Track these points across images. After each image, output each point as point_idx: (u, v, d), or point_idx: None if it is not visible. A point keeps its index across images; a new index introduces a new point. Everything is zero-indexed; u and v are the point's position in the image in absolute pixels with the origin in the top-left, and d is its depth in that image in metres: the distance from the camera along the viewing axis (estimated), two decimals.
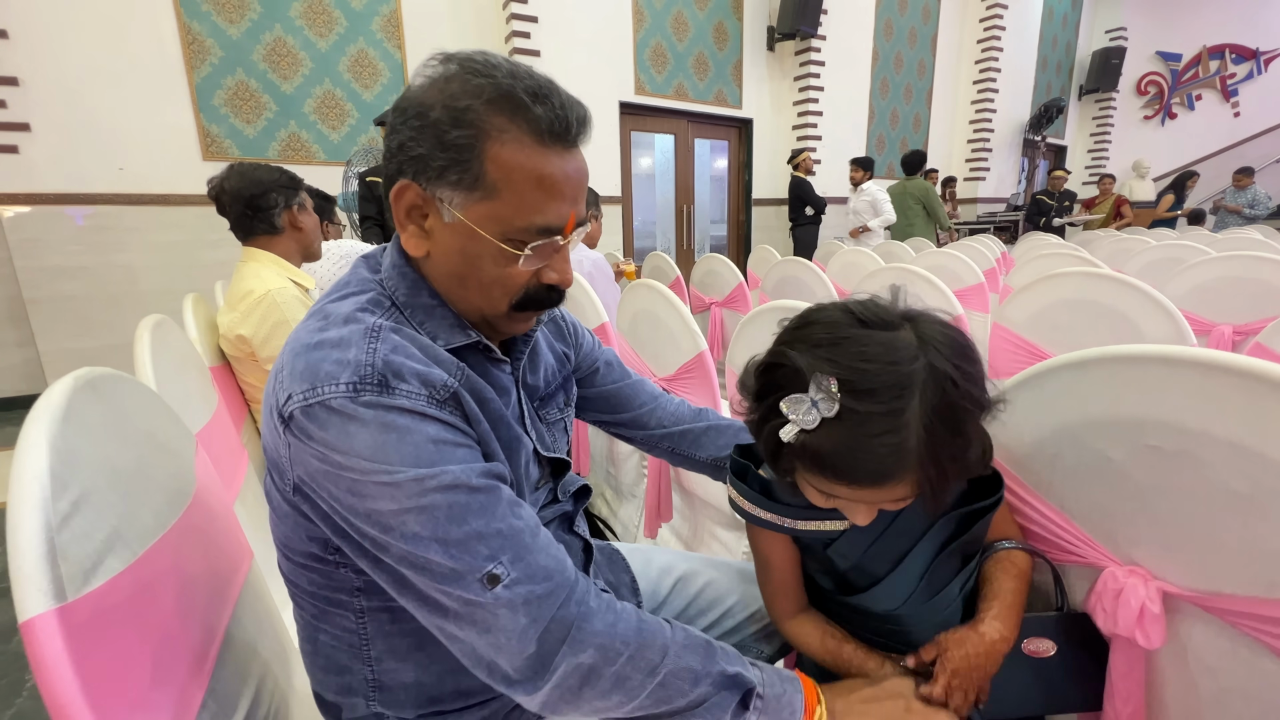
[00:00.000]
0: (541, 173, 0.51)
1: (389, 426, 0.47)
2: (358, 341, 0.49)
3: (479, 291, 0.55)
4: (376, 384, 0.47)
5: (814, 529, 0.57)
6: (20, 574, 0.37)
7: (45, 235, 3.17)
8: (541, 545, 0.50)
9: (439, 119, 0.50)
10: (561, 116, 0.51)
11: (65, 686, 0.36)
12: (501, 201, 0.51)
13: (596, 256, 2.16)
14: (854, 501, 0.50)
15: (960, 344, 0.48)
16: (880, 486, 0.46)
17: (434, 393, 0.50)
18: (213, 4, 3.41)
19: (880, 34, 6.33)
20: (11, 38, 2.96)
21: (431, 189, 0.52)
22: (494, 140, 0.50)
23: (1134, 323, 1.19)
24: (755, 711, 0.51)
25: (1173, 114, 9.10)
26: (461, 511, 0.47)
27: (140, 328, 0.83)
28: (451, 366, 0.53)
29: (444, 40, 4.10)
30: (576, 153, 0.54)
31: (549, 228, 0.53)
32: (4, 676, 1.34)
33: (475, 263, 0.54)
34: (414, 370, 0.49)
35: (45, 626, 0.36)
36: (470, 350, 0.58)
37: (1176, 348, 0.46)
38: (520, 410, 0.63)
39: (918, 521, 0.56)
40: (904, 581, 0.56)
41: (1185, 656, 0.50)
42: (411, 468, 0.46)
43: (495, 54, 0.52)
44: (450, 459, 0.48)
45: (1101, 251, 3.20)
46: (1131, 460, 0.50)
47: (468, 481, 0.48)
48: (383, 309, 0.54)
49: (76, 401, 0.48)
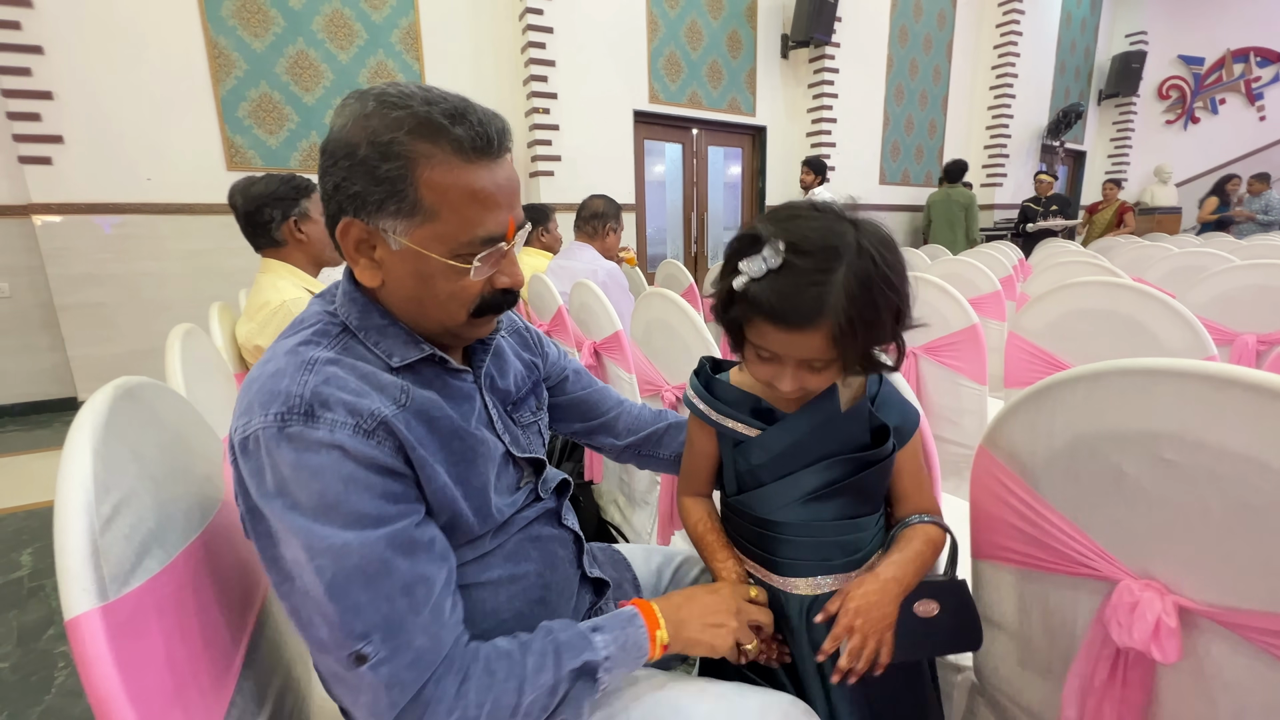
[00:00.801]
0: (473, 188, 0.54)
1: (302, 464, 0.48)
2: (291, 373, 0.51)
3: (437, 308, 0.58)
4: (303, 414, 0.49)
5: (730, 425, 0.70)
6: (66, 574, 0.39)
7: (76, 244, 3.26)
8: (423, 624, 0.50)
9: (367, 155, 0.52)
10: (481, 132, 0.53)
11: (107, 682, 0.38)
12: (442, 221, 0.54)
13: (610, 266, 2.18)
14: (783, 356, 0.59)
15: (888, 240, 0.58)
16: (804, 330, 0.56)
17: (360, 422, 0.50)
18: (238, 18, 3.50)
19: (895, 40, 6.31)
20: (47, 53, 3.06)
21: (374, 222, 0.54)
22: (423, 166, 0.52)
23: (1153, 333, 1.17)
24: (605, 672, 0.57)
25: (1195, 118, 8.94)
26: (345, 583, 0.48)
27: (171, 336, 0.86)
28: (394, 390, 0.55)
29: (461, 50, 4.17)
30: (503, 162, 0.56)
31: (491, 237, 0.56)
32: (34, 674, 1.37)
33: (428, 282, 0.56)
34: (341, 400, 0.50)
35: (89, 624, 0.38)
36: (426, 363, 0.60)
37: (1190, 361, 0.46)
38: (488, 415, 0.65)
39: (813, 449, 0.66)
40: (784, 493, 0.67)
41: (1202, 672, 0.50)
42: (309, 519, 0.47)
43: (407, 84, 0.54)
44: (357, 507, 0.49)
45: (1121, 259, 3.16)
46: (1147, 474, 0.50)
47: (359, 550, 0.48)
48: (330, 338, 0.56)
49: (117, 409, 0.50)
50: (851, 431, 0.66)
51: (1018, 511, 0.62)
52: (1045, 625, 0.63)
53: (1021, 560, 0.63)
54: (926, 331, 1.58)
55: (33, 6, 3.00)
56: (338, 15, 3.79)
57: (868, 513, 0.69)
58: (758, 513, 0.69)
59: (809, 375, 0.60)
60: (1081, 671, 0.56)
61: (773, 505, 0.68)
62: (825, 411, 0.66)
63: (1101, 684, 0.55)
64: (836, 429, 0.66)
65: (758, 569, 0.71)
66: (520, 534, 0.66)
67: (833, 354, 0.58)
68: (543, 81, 4.29)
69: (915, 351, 1.60)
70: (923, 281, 1.58)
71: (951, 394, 1.56)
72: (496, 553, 0.63)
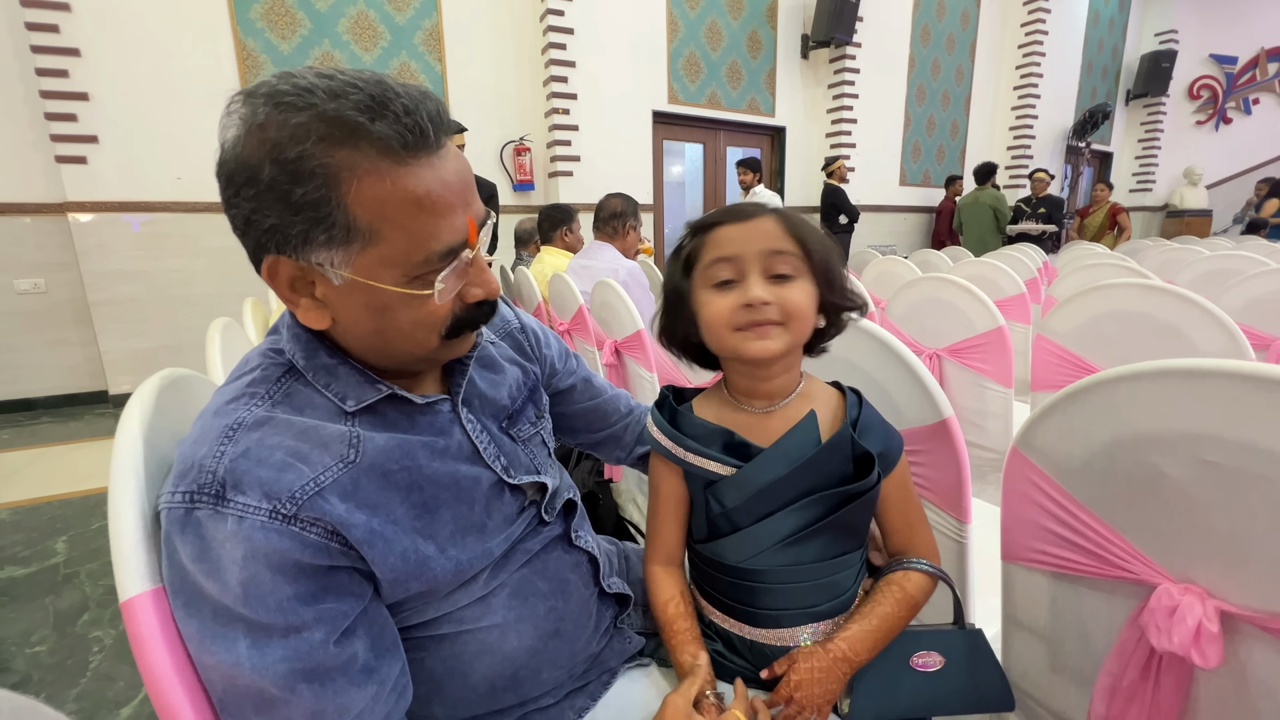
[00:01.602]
0: (416, 195, 0.44)
1: (201, 557, 0.41)
2: (210, 440, 0.44)
3: (402, 339, 0.50)
4: (213, 496, 0.42)
5: (700, 464, 0.61)
6: (120, 558, 0.40)
7: (109, 240, 3.35)
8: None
9: (274, 179, 0.41)
10: (411, 123, 0.43)
11: (159, 660, 0.39)
12: (386, 243, 0.44)
13: (631, 265, 2.18)
14: (743, 260, 0.57)
15: None
16: (754, 217, 0.58)
17: (277, 507, 0.43)
18: (267, 21, 3.57)
19: (917, 40, 6.25)
20: (84, 56, 3.15)
21: (304, 257, 0.44)
22: (346, 181, 0.42)
23: (1187, 336, 1.15)
24: None
25: (1227, 119, 8.72)
26: (237, 707, 0.42)
27: (211, 329, 0.88)
28: (340, 446, 0.47)
29: (483, 52, 4.21)
30: (446, 153, 0.46)
31: (450, 248, 0.46)
32: (70, 658, 1.41)
33: (386, 314, 0.47)
34: (259, 479, 0.43)
35: (142, 606, 0.39)
36: (387, 402, 0.52)
37: (1237, 362, 0.46)
38: (471, 445, 0.57)
39: (791, 489, 0.59)
40: (762, 537, 0.60)
41: (1244, 678, 0.49)
42: (203, 622, 0.41)
43: (303, 72, 0.43)
44: (257, 615, 0.41)
45: (1150, 262, 3.09)
46: (1188, 476, 0.49)
47: (252, 672, 0.41)
48: (270, 383, 0.49)
49: (164, 399, 0.51)
50: (833, 464, 0.59)
51: (1051, 514, 0.61)
52: (1078, 629, 0.62)
53: (1054, 563, 0.62)
54: (950, 333, 1.57)
55: (71, 10, 3.09)
56: (362, 17, 3.85)
57: (852, 549, 0.62)
58: (731, 560, 0.61)
59: (781, 288, 0.56)
60: (1112, 670, 0.55)
61: (748, 551, 0.60)
62: (805, 444, 0.60)
63: (1132, 684, 0.54)
64: (818, 463, 0.59)
65: (736, 624, 0.64)
66: (525, 568, 0.60)
67: (791, 244, 0.57)
68: (563, 82, 4.31)
69: (939, 353, 1.58)
70: (947, 283, 1.56)
71: (976, 396, 1.54)
72: (499, 593, 0.57)
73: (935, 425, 0.74)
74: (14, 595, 1.67)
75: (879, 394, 0.77)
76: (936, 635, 0.62)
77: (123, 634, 1.49)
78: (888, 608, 0.60)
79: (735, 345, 0.58)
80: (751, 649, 0.64)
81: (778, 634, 0.62)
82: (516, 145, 4.43)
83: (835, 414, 0.63)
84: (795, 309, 0.56)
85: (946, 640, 0.62)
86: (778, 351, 0.57)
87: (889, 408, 0.76)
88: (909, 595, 0.61)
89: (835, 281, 0.59)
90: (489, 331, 0.68)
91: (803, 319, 0.58)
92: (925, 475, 0.79)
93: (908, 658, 0.60)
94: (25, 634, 1.50)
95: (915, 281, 1.64)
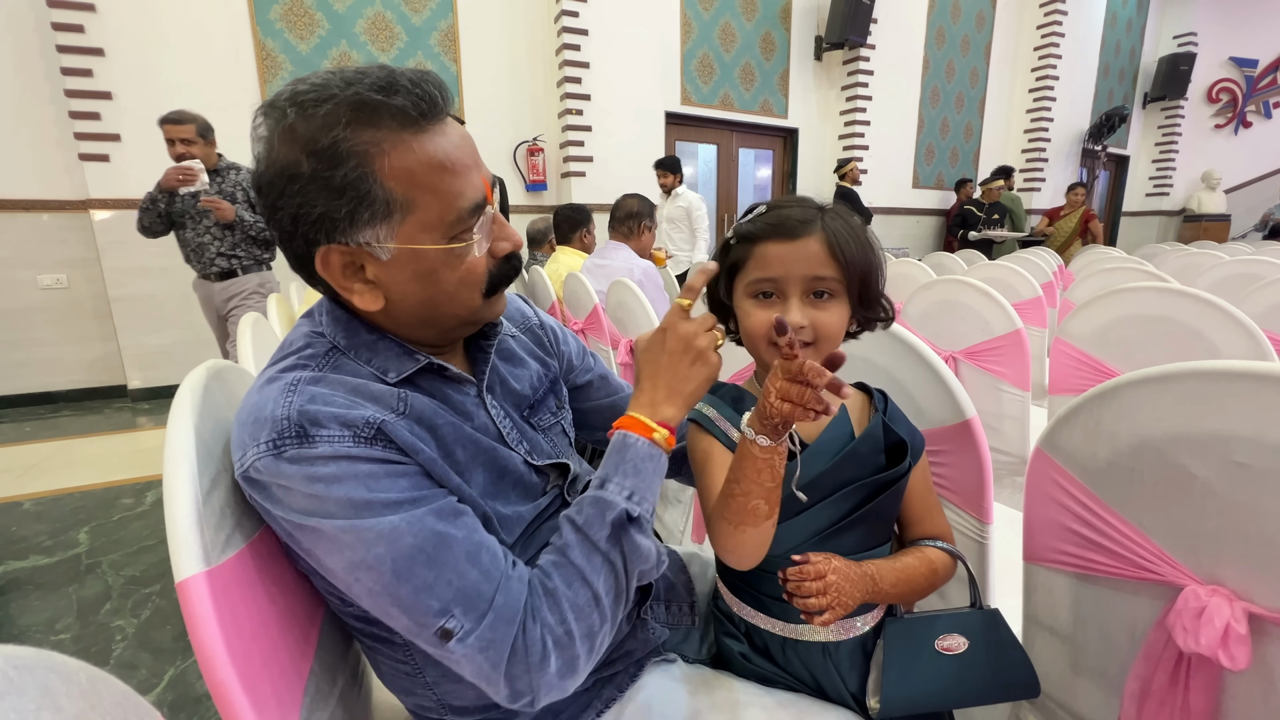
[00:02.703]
0: (438, 158, 0.49)
1: (315, 478, 0.45)
2: (274, 398, 0.47)
3: (450, 301, 0.54)
4: (295, 436, 0.46)
5: None
6: (176, 539, 0.41)
7: (130, 237, 3.38)
8: (497, 585, 0.48)
9: (315, 170, 0.46)
10: (422, 93, 0.48)
11: (212, 639, 0.40)
12: (422, 208, 0.49)
13: (646, 265, 2.19)
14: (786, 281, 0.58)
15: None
16: (802, 237, 0.58)
17: (357, 432, 0.47)
18: (286, 22, 3.62)
19: (932, 42, 6.22)
20: (108, 55, 3.21)
21: (353, 239, 0.49)
22: (377, 158, 0.47)
23: (1209, 340, 1.14)
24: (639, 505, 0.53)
25: (1247, 123, 8.61)
26: (408, 565, 0.46)
27: (242, 324, 0.90)
28: (390, 399, 0.51)
29: (498, 52, 4.24)
30: (451, 121, 0.51)
31: (476, 204, 0.51)
32: (93, 646, 1.44)
33: (433, 279, 0.52)
34: (332, 415, 0.47)
35: (197, 587, 0.41)
36: (424, 375, 0.56)
37: (1268, 364, 0.46)
38: (495, 429, 0.60)
39: (831, 481, 0.61)
40: (800, 530, 0.61)
41: (1274, 680, 0.49)
42: (348, 518, 0.45)
43: (311, 75, 0.48)
44: (389, 495, 0.47)
45: (1169, 267, 3.07)
46: (1217, 477, 0.50)
47: (410, 530, 0.46)
48: (317, 359, 0.53)
49: (210, 388, 0.53)
50: (868, 454, 0.63)
51: (1075, 515, 0.61)
52: (1101, 630, 0.63)
53: (1078, 564, 0.63)
54: (967, 336, 1.57)
55: (96, 11, 3.15)
56: (380, 18, 3.89)
57: (883, 541, 0.65)
58: (769, 552, 0.62)
59: (816, 310, 0.58)
60: (1141, 674, 0.55)
61: (786, 544, 0.61)
62: (841, 437, 0.63)
63: (1162, 687, 0.54)
64: (857, 453, 0.62)
65: (765, 618, 0.66)
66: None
67: (834, 269, 0.58)
68: (576, 83, 4.33)
69: (956, 355, 1.58)
70: (964, 285, 1.56)
71: (993, 399, 1.53)
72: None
73: (958, 425, 0.74)
74: (38, 584, 1.71)
75: (901, 394, 0.78)
76: (956, 617, 0.63)
77: (144, 623, 1.52)
78: (910, 559, 0.63)
79: (769, 356, 0.61)
80: (783, 647, 0.65)
81: (811, 629, 0.64)
82: (530, 145, 4.46)
83: (861, 409, 0.66)
84: (827, 331, 0.59)
85: (965, 621, 0.63)
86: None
87: (911, 408, 0.77)
88: (928, 559, 0.64)
89: (871, 297, 0.62)
90: (510, 324, 0.70)
91: (833, 340, 0.60)
92: (947, 476, 0.79)
93: (931, 641, 0.61)
94: (50, 622, 1.53)
95: (932, 284, 1.64)
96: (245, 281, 2.66)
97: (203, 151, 2.48)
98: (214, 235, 2.57)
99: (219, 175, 2.56)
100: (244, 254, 2.64)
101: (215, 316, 2.73)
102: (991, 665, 0.63)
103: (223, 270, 2.62)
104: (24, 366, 3.47)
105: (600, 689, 0.64)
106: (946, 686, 0.62)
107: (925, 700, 0.62)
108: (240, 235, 2.60)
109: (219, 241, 2.58)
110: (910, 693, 0.62)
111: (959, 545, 0.70)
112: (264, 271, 2.72)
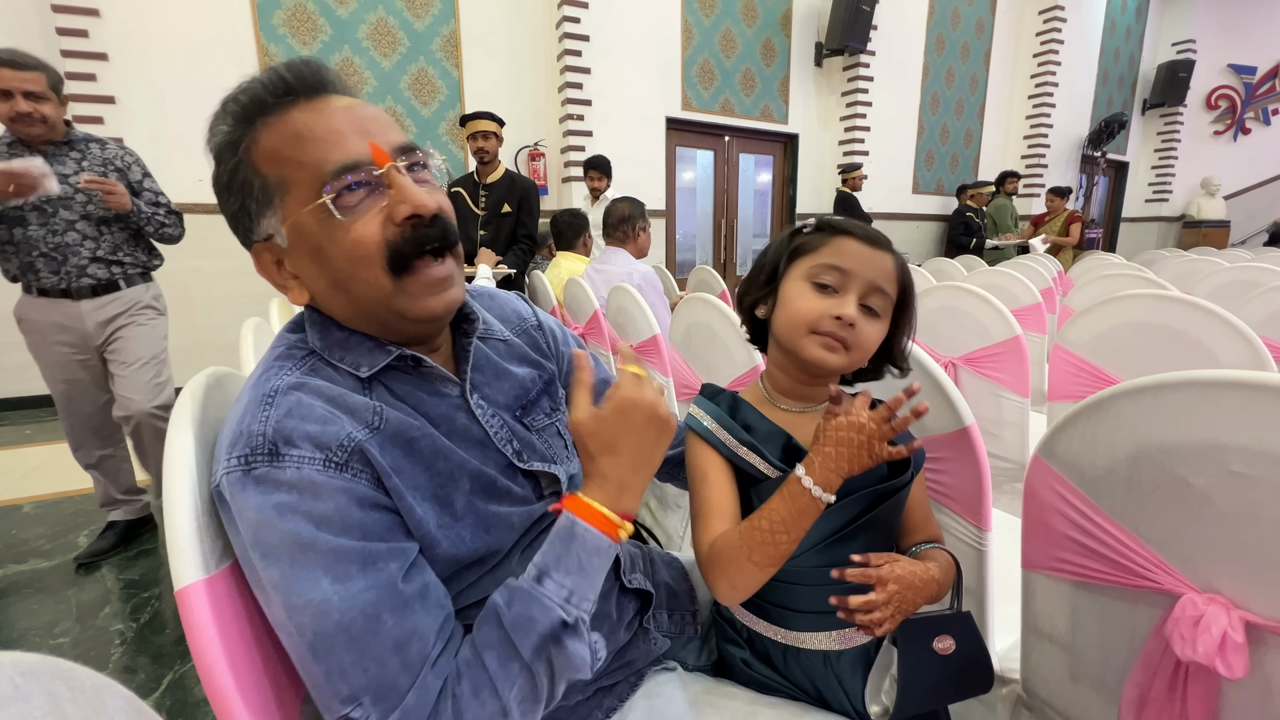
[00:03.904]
0: (294, 129, 0.48)
1: (268, 505, 0.44)
2: (252, 410, 0.47)
3: (353, 280, 0.50)
4: (267, 454, 0.45)
5: (751, 460, 0.62)
6: (176, 547, 0.42)
7: None
8: (416, 682, 0.45)
9: (218, 174, 0.50)
10: (276, 77, 0.49)
11: (211, 646, 0.40)
12: (294, 184, 0.49)
13: (646, 270, 2.20)
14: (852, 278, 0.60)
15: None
16: (881, 248, 0.61)
17: (330, 455, 0.46)
18: (289, 28, 3.64)
19: (931, 49, 6.24)
20: (111, 60, 3.22)
21: (260, 235, 0.51)
22: (251, 146, 0.49)
23: (1208, 348, 1.14)
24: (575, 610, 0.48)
25: (1246, 129, 8.63)
26: (327, 644, 0.43)
27: (244, 328, 0.91)
28: (366, 413, 0.50)
29: (500, 58, 4.26)
30: (332, 100, 0.51)
31: (343, 165, 0.48)
32: (92, 650, 1.44)
33: (323, 256, 0.50)
34: (307, 433, 0.46)
35: (196, 594, 0.41)
36: (401, 372, 0.55)
37: (1265, 374, 0.46)
38: (482, 430, 0.58)
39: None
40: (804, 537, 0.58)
41: (1271, 689, 0.49)
42: (284, 566, 0.43)
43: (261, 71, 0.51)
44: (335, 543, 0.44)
45: (1168, 273, 3.07)
46: (1214, 486, 0.50)
47: (340, 606, 0.43)
48: (295, 360, 0.52)
49: (210, 396, 0.53)
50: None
51: (1074, 522, 0.61)
52: (1100, 638, 0.63)
53: (1076, 572, 0.63)
54: (966, 342, 1.57)
55: (100, 16, 3.16)
56: (382, 24, 3.91)
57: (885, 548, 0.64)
58: None
59: (864, 318, 0.60)
60: (1139, 681, 0.55)
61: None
62: None
63: (1160, 695, 0.54)
64: None
65: (768, 625, 0.66)
66: None
67: (893, 289, 0.61)
68: (577, 89, 4.35)
69: (955, 362, 1.58)
70: (963, 292, 1.56)
71: (992, 406, 1.53)
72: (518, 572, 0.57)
73: (956, 433, 0.75)
74: (38, 587, 1.71)
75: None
76: (947, 619, 0.64)
77: (143, 627, 1.52)
78: (942, 562, 0.64)
79: (803, 344, 0.62)
80: (784, 655, 0.65)
81: (813, 637, 0.64)
82: (531, 150, 4.47)
83: None
84: (864, 343, 0.61)
85: (952, 622, 0.64)
86: (835, 366, 0.62)
87: None
88: (949, 562, 0.65)
89: (898, 343, 0.65)
90: (504, 326, 0.69)
91: (864, 354, 0.62)
92: (945, 483, 0.79)
93: (931, 643, 0.62)
94: (49, 625, 1.53)
95: (931, 290, 1.64)
96: (131, 295, 1.86)
97: (54, 112, 1.68)
98: (82, 233, 1.74)
99: (73, 149, 1.74)
100: (129, 260, 1.85)
101: (80, 350, 1.81)
102: (967, 664, 0.64)
103: (98, 283, 1.79)
104: (24, 369, 3.46)
105: (601, 699, 0.64)
106: (936, 685, 0.63)
107: (925, 700, 0.62)
108: (124, 233, 1.83)
109: (91, 242, 1.75)
110: (916, 692, 0.62)
111: (957, 552, 0.70)
112: (150, 283, 1.96)
